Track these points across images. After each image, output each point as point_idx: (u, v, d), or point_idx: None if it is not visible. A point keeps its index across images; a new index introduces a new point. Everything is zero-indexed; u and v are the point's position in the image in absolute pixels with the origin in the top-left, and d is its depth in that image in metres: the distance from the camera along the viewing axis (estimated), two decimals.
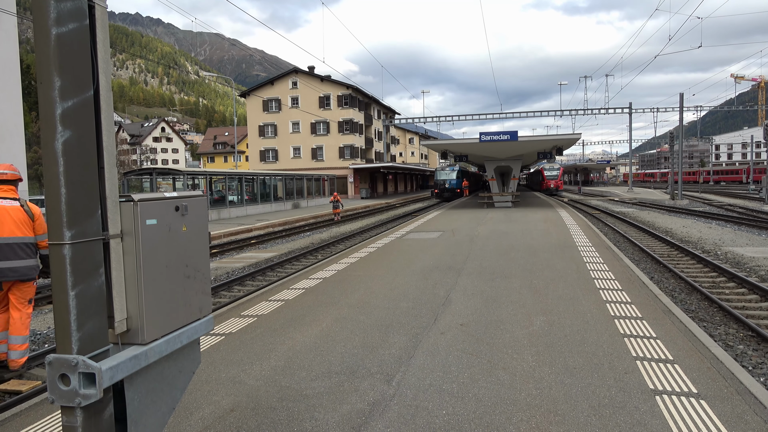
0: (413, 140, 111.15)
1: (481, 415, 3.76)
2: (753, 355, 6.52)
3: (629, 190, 55.48)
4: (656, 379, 4.30)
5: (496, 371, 4.57)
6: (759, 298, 9.04)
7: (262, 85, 62.76)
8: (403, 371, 4.63)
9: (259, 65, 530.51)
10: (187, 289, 2.76)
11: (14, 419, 3.92)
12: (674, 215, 25.99)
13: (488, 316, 6.32)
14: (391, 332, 5.79)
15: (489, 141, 26.19)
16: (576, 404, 3.87)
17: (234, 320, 6.51)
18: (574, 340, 5.35)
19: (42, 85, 2.11)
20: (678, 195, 38.41)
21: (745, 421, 3.56)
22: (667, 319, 6.00)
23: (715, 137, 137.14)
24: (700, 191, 54.51)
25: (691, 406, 3.80)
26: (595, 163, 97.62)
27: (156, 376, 2.59)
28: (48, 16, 2.08)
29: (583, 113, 58.37)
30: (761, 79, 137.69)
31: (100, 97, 2.32)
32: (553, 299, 7.09)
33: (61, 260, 2.12)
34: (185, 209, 2.74)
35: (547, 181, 54.70)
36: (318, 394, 4.19)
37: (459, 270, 9.43)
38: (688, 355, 4.82)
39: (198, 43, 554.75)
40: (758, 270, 11.26)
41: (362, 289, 8.10)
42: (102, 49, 2.33)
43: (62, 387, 2.14)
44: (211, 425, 3.74)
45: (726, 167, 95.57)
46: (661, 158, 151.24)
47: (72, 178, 2.14)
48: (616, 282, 8.09)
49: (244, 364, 4.93)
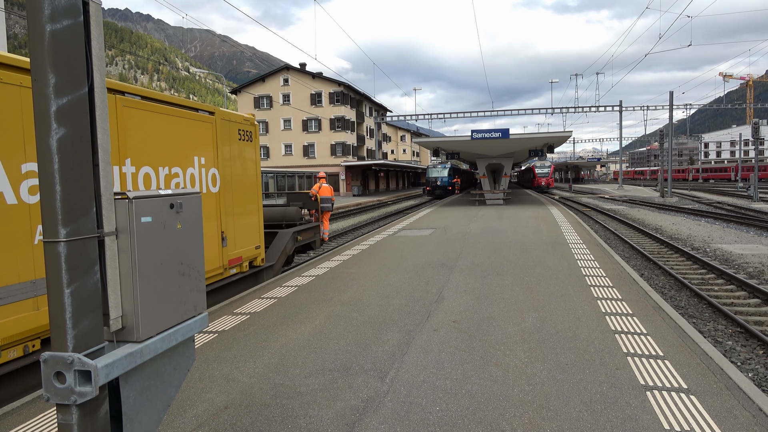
0: (405, 137, 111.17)
1: (474, 411, 3.79)
2: (742, 351, 6.61)
3: (619, 188, 55.86)
4: (647, 374, 4.35)
5: (489, 367, 4.60)
6: (747, 294, 9.15)
7: (253, 82, 62.45)
8: (397, 368, 4.65)
9: (250, 62, 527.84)
10: (182, 287, 2.76)
11: (6, 417, 3.89)
12: (664, 212, 26.21)
13: (481, 313, 6.36)
14: (384, 329, 5.81)
15: (480, 138, 26.26)
16: (568, 400, 3.91)
17: (227, 318, 6.50)
18: (565, 336, 5.39)
19: (36, 82, 2.10)
20: (668, 192, 38.72)
21: (734, 415, 3.61)
22: (657, 316, 6.06)
23: (705, 135, 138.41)
24: (690, 189, 54.98)
25: (681, 401, 3.85)
26: (586, 160, 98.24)
27: (151, 373, 2.59)
28: (42, 13, 2.07)
29: (574, 111, 58.63)
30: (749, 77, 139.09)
31: (95, 94, 2.31)
32: (544, 296, 7.14)
33: (56, 258, 2.12)
34: (180, 207, 2.74)
35: (539, 178, 54.96)
36: (312, 391, 4.20)
37: (451, 267, 9.46)
38: (678, 351, 4.88)
39: (188, 40, 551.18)
40: (746, 267, 11.40)
41: (355, 286, 8.11)
42: (96, 46, 2.32)
43: (58, 385, 2.14)
44: (205, 422, 3.74)
45: (715, 165, 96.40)
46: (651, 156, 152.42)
47: (67, 175, 2.13)
48: (607, 279, 8.16)
49: (237, 362, 4.93)
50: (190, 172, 7.07)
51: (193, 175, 7.14)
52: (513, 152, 29.85)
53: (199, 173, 7.29)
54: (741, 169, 61.80)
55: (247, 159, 8.66)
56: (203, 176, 7.40)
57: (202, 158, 7.36)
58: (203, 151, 7.39)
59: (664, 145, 43.64)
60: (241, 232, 8.35)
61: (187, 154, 7.03)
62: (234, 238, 8.13)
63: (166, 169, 6.55)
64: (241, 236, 8.36)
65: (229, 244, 7.98)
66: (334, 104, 59.04)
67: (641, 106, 59.63)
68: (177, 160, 6.77)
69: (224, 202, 7.91)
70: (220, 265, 7.77)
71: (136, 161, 6.02)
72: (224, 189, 7.91)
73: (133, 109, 5.97)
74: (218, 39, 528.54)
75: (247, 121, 8.73)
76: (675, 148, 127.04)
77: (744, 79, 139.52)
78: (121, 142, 5.76)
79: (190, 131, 7.09)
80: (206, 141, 7.49)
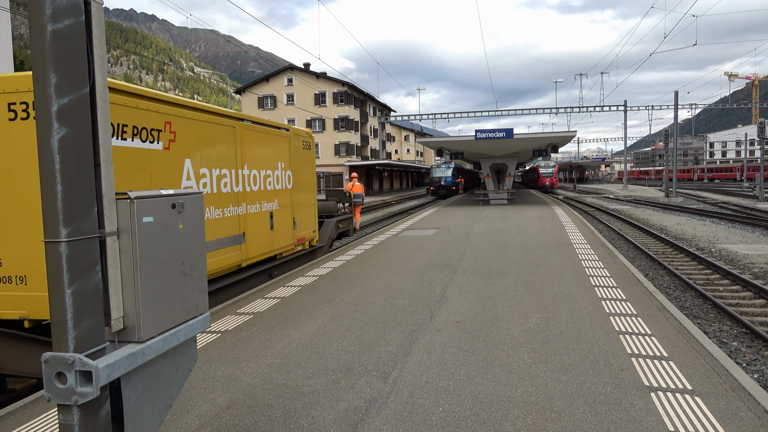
0: (409, 137, 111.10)
1: (478, 412, 3.77)
2: (747, 352, 6.57)
3: (624, 188, 55.68)
4: (651, 375, 4.33)
5: (492, 368, 4.59)
6: (753, 295, 9.10)
7: (257, 81, 62.54)
8: (400, 368, 4.64)
9: (254, 62, 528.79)
10: (183, 287, 2.75)
11: (9, 417, 3.90)
12: (669, 212, 26.11)
13: (484, 314, 6.34)
14: (387, 329, 5.80)
15: (485, 138, 26.21)
16: (572, 401, 3.89)
17: (230, 317, 6.51)
18: (569, 337, 5.37)
19: (38, 82, 2.10)
20: (672, 192, 38.56)
21: (740, 417, 3.59)
22: (661, 316, 6.03)
23: (710, 135, 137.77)
24: (695, 189, 54.76)
25: (686, 402, 3.83)
26: (590, 160, 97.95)
27: (153, 373, 2.58)
28: (44, 13, 2.07)
29: (579, 111, 58.43)
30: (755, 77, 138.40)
31: (97, 94, 2.31)
32: (548, 296, 7.11)
33: (58, 258, 2.11)
34: (182, 207, 2.73)
35: (543, 178, 54.80)
36: (314, 392, 4.19)
37: (455, 267, 9.44)
38: (683, 352, 4.85)
39: (193, 40, 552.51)
40: (752, 267, 11.33)
41: (358, 286, 8.10)
42: (98, 45, 2.31)
43: (59, 385, 2.13)
44: (207, 423, 3.73)
45: (720, 165, 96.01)
46: (655, 156, 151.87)
47: (68, 175, 2.13)
48: (611, 279, 8.12)
49: (240, 362, 4.92)
50: (276, 173, 9.44)
51: (278, 176, 9.54)
52: (517, 152, 29.79)
53: (281, 174, 9.71)
54: (746, 169, 61.52)
55: (308, 164, 11.11)
56: (283, 176, 9.78)
57: (282, 163, 9.77)
58: (283, 157, 9.82)
59: (668, 144, 43.46)
60: (304, 219, 10.82)
61: (275, 160, 9.45)
62: (300, 223, 10.55)
63: (264, 171, 8.96)
64: (304, 222, 10.84)
65: (297, 227, 10.44)
66: (337, 104, 59.05)
67: (646, 105, 59.41)
68: (269, 165, 9.21)
69: (295, 195, 10.26)
70: (292, 243, 10.24)
71: (250, 166, 8.43)
72: (295, 186, 10.29)
73: (247, 130, 8.39)
74: (222, 39, 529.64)
75: (308, 134, 11.29)
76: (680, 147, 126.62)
77: (750, 78, 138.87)
78: (241, 153, 8.17)
79: (275, 143, 9.53)
80: (284, 150, 9.90)
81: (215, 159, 7.43)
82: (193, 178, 6.86)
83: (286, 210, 9.80)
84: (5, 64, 14.97)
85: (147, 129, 5.95)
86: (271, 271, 9.47)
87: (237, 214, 8.01)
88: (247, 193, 8.34)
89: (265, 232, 8.96)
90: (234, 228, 7.90)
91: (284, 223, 9.77)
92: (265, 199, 8.99)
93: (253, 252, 8.51)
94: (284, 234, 9.77)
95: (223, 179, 7.64)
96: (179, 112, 6.57)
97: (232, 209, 7.86)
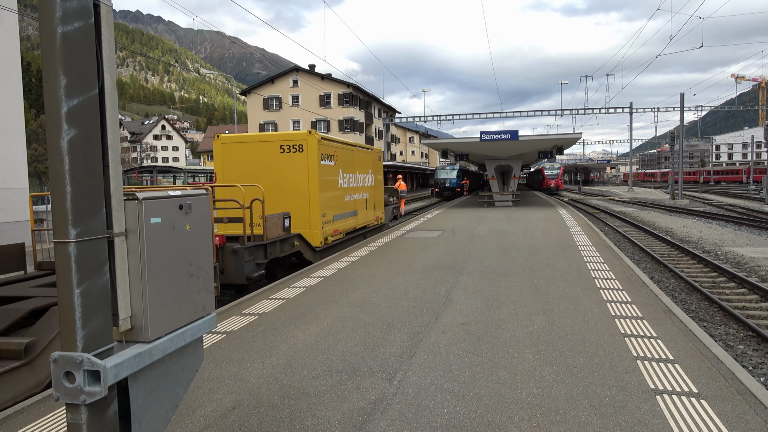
0: (414, 139, 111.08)
1: (483, 414, 3.77)
2: (753, 355, 6.54)
3: (629, 190, 55.48)
4: (657, 378, 4.31)
5: (497, 370, 4.58)
6: (759, 298, 9.05)
7: (262, 83, 62.76)
8: (405, 370, 4.64)
9: (260, 63, 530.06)
10: (190, 288, 2.77)
11: (16, 416, 3.93)
12: (674, 215, 26.00)
13: (489, 315, 6.33)
14: (392, 331, 5.81)
15: (489, 140, 26.17)
16: (577, 403, 3.88)
17: (235, 318, 6.53)
18: (574, 339, 5.36)
19: (48, 84, 2.12)
20: (678, 195, 38.41)
21: (746, 421, 3.57)
22: (667, 319, 6.01)
23: (716, 137, 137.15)
24: (701, 191, 54.52)
25: (692, 405, 3.81)
26: (596, 162, 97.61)
27: (160, 373, 2.60)
28: (54, 15, 2.09)
29: (584, 113, 58.33)
30: (762, 79, 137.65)
31: (105, 96, 2.33)
32: (553, 298, 7.10)
33: (66, 258, 2.13)
34: (189, 208, 2.75)
35: (548, 180, 54.67)
36: (319, 393, 4.20)
37: (460, 269, 9.44)
38: (689, 355, 4.84)
39: (199, 41, 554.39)
40: (758, 270, 11.28)
41: (363, 287, 8.11)
42: (107, 47, 2.34)
43: (67, 384, 2.15)
44: (213, 423, 3.75)
45: (726, 167, 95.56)
46: (661, 158, 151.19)
47: (77, 176, 2.15)
48: (617, 282, 8.10)
49: (245, 362, 4.94)
50: (367, 176, 15.46)
51: (368, 177, 15.53)
52: (522, 154, 29.71)
53: (369, 176, 15.74)
54: (753, 172, 61.21)
55: (380, 170, 17.29)
56: (370, 178, 15.80)
57: (369, 170, 15.81)
58: (369, 167, 15.83)
59: (674, 147, 43.29)
60: (378, 205, 16.83)
61: (366, 167, 15.47)
62: (374, 207, 16.26)
63: (362, 174, 14.91)
64: (378, 207, 16.88)
65: (376, 210, 16.53)
66: (342, 105, 59.16)
67: (652, 107, 59.23)
68: (365, 170, 15.22)
69: (374, 190, 16.24)
70: (374, 219, 16.31)
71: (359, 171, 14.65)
72: (374, 185, 16.35)
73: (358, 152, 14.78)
74: (228, 40, 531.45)
75: (380, 151, 17.74)
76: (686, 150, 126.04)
77: (756, 80, 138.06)
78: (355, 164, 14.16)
79: (367, 157, 15.74)
80: (370, 162, 16.04)
81: (348, 168, 13.43)
82: (341, 179, 12.93)
83: (371, 199, 15.83)
84: (13, 65, 15.05)
85: (328, 155, 11.92)
86: (365, 234, 15.31)
87: (353, 199, 13.98)
88: (358, 187, 14.41)
89: (362, 211, 14.85)
90: (352, 206, 13.91)
91: (370, 207, 15.86)
92: (363, 192, 15.01)
93: (360, 221, 14.66)
94: (370, 213, 15.92)
95: (350, 179, 13.66)
96: (338, 146, 12.77)
97: (353, 196, 13.95)
